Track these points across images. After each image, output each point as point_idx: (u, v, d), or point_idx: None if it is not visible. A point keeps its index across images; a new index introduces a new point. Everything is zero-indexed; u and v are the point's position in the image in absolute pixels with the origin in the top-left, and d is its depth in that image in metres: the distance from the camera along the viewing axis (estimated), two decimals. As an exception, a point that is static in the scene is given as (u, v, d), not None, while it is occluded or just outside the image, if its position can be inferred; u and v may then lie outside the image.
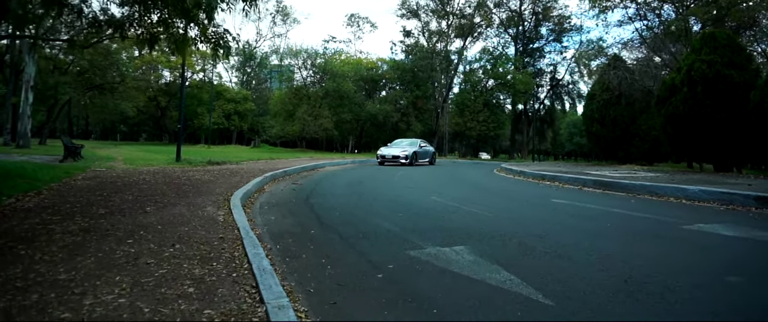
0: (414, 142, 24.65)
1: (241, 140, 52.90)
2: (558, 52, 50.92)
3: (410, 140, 25.23)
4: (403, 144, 24.13)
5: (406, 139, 25.79)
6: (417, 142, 24.64)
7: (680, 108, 13.33)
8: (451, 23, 47.25)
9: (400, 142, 24.88)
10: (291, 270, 3.95)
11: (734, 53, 13.41)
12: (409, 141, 24.99)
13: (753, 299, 3.14)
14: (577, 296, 3.26)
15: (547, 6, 47.43)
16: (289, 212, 7.06)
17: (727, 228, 5.53)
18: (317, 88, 44.46)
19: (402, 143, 24.49)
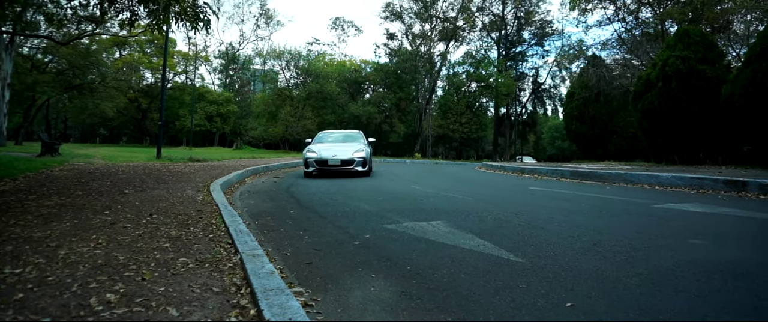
0: (353, 135, 14.02)
1: (223, 142, 52.52)
2: (540, 56, 51.64)
3: (345, 133, 14.35)
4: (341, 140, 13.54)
5: (337, 132, 14.60)
6: (357, 135, 14.02)
7: (655, 102, 13.64)
8: (434, 26, 47.53)
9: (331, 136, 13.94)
10: (268, 239, 3.99)
11: (707, 49, 13.78)
12: (345, 133, 14.26)
13: (711, 254, 3.26)
14: (548, 255, 3.36)
15: (530, 10, 47.98)
16: (269, 198, 7.08)
17: (696, 206, 5.69)
18: (300, 90, 44.35)
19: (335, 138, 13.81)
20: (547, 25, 47.60)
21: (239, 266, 2.80)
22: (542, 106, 57.16)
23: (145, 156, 17.50)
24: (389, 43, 48.05)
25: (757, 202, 6.06)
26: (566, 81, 47.07)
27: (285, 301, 2.15)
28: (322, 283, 2.78)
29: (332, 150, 11.71)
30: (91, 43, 34.25)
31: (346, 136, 13.91)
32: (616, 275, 2.86)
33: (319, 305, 2.40)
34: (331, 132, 14.55)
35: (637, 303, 2.35)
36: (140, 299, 2.24)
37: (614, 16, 28.24)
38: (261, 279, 2.45)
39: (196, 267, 2.81)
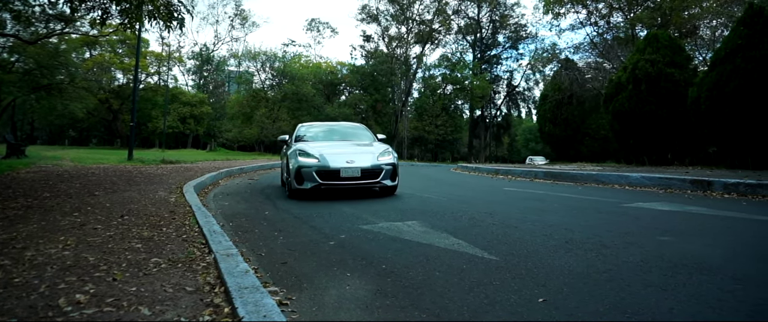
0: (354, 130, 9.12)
1: (197, 144, 51.77)
2: (514, 59, 52.35)
3: (342, 125, 9.58)
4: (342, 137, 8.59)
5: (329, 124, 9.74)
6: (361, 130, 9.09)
7: (626, 105, 13.96)
8: (410, 29, 47.76)
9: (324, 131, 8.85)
10: (243, 240, 3.95)
11: (675, 53, 14.19)
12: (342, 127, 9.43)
13: (677, 250, 3.36)
14: (521, 253, 3.41)
15: (504, 14, 48.54)
16: (244, 199, 7.02)
17: (664, 205, 5.84)
18: (276, 92, 44.04)
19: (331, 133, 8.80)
20: (522, 28, 48.23)
21: (213, 266, 2.78)
22: (517, 109, 57.86)
23: (116, 158, 17.13)
24: (365, 45, 48.12)
25: (721, 200, 6.26)
26: (540, 84, 47.72)
27: (260, 299, 2.14)
28: (297, 282, 2.77)
29: (341, 153, 7.04)
30: (60, 43, 33.39)
31: (345, 130, 8.87)
32: (586, 271, 2.93)
33: (294, 304, 2.40)
34: (321, 125, 9.19)
35: (606, 298, 2.41)
36: (111, 299, 2.20)
37: (587, 20, 28.83)
38: (235, 278, 2.43)
39: (169, 267, 2.77)
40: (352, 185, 6.80)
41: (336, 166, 6.72)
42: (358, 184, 6.80)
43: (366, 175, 6.77)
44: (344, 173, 6.70)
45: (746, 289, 2.48)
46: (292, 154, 7.05)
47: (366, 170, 6.78)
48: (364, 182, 6.78)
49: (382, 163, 6.98)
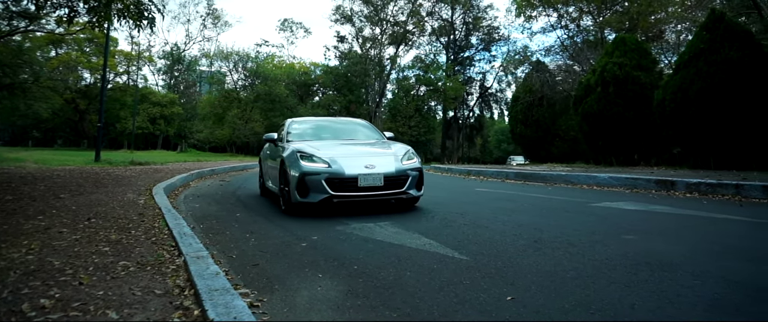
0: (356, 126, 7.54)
1: (167, 145, 50.83)
2: (487, 61, 52.88)
3: (340, 121, 8.17)
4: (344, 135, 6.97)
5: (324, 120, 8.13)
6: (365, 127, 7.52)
7: (594, 107, 14.29)
8: (384, 30, 47.83)
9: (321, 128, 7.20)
10: (214, 242, 3.92)
11: (642, 57, 14.58)
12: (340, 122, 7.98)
13: (641, 248, 3.47)
14: (491, 253, 3.47)
15: (478, 16, 49.02)
16: (215, 201, 6.95)
17: (629, 205, 6.00)
18: (248, 92, 43.59)
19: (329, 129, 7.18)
20: (494, 30, 48.77)
21: (183, 269, 2.75)
22: (489, 110, 58.47)
23: (82, 160, 16.70)
24: (339, 45, 47.96)
25: (684, 199, 6.46)
26: (512, 86, 48.33)
27: (230, 301, 2.13)
28: (268, 284, 2.77)
29: (354, 155, 5.67)
30: (24, 41, 32.39)
31: (347, 127, 7.36)
32: (554, 269, 3.00)
33: (266, 306, 2.40)
34: (317, 120, 7.75)
35: (572, 295, 2.48)
36: (77, 303, 2.17)
37: (557, 23, 29.35)
38: (206, 280, 2.42)
39: (138, 270, 2.74)
40: (373, 197, 5.29)
41: (352, 173, 5.20)
42: (379, 195, 5.28)
43: (390, 183, 5.29)
44: (363, 181, 5.19)
45: (704, 284, 2.58)
46: (290, 158, 5.45)
47: (390, 177, 5.29)
48: (387, 192, 5.30)
49: (407, 167, 5.52)
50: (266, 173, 7.24)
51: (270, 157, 6.98)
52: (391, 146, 6.17)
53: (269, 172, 6.93)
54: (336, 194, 5.18)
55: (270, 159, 6.94)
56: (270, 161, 6.92)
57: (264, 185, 7.50)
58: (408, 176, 5.48)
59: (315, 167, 5.26)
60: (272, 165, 6.61)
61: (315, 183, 5.18)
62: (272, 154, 6.80)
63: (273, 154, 6.74)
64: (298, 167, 5.27)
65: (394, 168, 5.44)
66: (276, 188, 6.20)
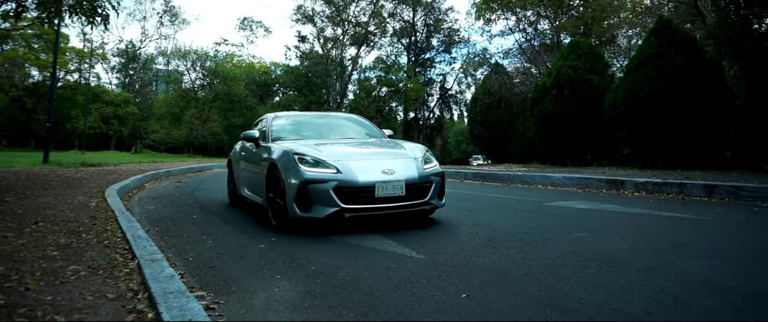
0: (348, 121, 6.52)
1: (121, 146, 49.23)
2: (447, 62, 53.35)
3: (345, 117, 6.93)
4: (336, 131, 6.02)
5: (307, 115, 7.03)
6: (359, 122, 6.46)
7: (550, 108, 14.70)
8: (346, 30, 47.73)
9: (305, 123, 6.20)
10: (169, 245, 3.85)
11: (595, 60, 15.09)
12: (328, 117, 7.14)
13: (590, 245, 3.61)
14: (447, 252, 3.54)
15: (439, 18, 49.53)
16: (171, 203, 6.80)
17: (581, 203, 6.22)
18: (207, 92, 42.72)
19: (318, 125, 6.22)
20: (455, 33, 49.38)
21: (137, 272, 2.70)
22: (449, 111, 59.18)
23: (29, 161, 15.99)
24: (300, 45, 47.59)
25: (632, 198, 6.74)
26: (471, 87, 49.04)
27: (185, 303, 2.11)
28: (225, 286, 2.75)
29: (366, 157, 4.81)
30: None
31: (342, 123, 6.43)
32: (508, 267, 3.09)
33: (222, 308, 2.38)
34: (305, 116, 6.72)
35: (525, 291, 2.56)
36: (24, 309, 2.10)
37: (516, 26, 29.99)
38: (160, 283, 2.38)
39: (89, 275, 2.67)
40: (393, 210, 4.32)
41: (368, 180, 4.24)
42: (400, 207, 4.33)
43: (412, 192, 4.36)
44: (381, 190, 4.23)
45: (646, 279, 2.72)
46: (285, 162, 4.44)
47: (412, 184, 4.38)
48: (409, 203, 4.36)
49: (430, 172, 4.63)
50: (240, 178, 6.12)
51: (247, 159, 5.86)
52: (402, 146, 5.14)
53: (246, 177, 5.84)
54: (348, 206, 4.17)
55: (247, 162, 5.84)
56: (248, 164, 5.83)
57: (236, 192, 6.34)
58: (431, 182, 4.55)
59: (320, 173, 4.25)
60: (252, 169, 5.55)
61: (321, 194, 4.16)
62: (251, 155, 5.68)
63: (253, 155, 5.58)
64: (297, 174, 4.24)
65: (417, 173, 4.49)
66: (258, 198, 5.18)
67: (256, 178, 5.27)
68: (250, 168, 5.69)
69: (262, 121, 6.18)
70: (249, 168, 5.78)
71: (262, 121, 6.18)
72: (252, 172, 5.59)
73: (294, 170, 4.30)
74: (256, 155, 5.41)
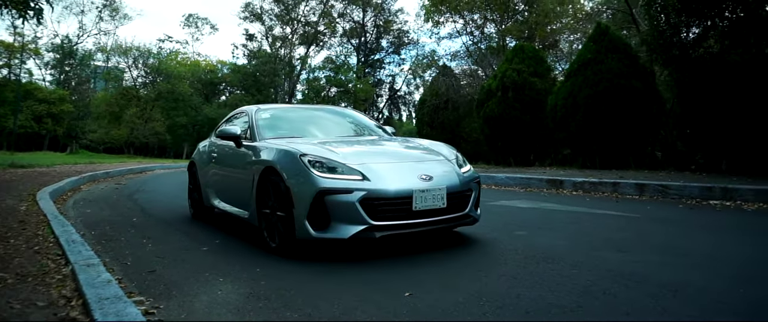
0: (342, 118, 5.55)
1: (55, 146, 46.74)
2: (397, 64, 53.72)
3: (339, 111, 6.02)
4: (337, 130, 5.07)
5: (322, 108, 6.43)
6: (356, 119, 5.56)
7: (495, 110, 15.10)
8: (295, 30, 47.28)
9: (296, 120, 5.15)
10: (106, 249, 3.71)
11: (538, 64, 15.62)
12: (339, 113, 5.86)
13: (530, 242, 3.76)
14: (393, 253, 3.58)
15: (389, 20, 49.81)
16: (109, 206, 6.55)
17: (523, 202, 6.44)
18: (149, 90, 41.24)
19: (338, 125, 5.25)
20: (404, 34, 49.79)
21: (70, 278, 2.59)
22: (398, 112, 59.66)
23: (-48, 162, 14.95)
24: (248, 44, 46.77)
25: (570, 197, 7.04)
26: (420, 89, 49.61)
27: (122, 309, 2.06)
28: (165, 290, 2.68)
29: (391, 161, 3.79)
30: None
31: (338, 119, 5.48)
32: (451, 265, 3.17)
33: (162, 312, 2.33)
34: (293, 109, 6.00)
35: (467, 288, 2.64)
36: (-57, 320, 1.98)
37: (463, 29, 30.58)
38: (96, 289, 2.30)
39: (17, 282, 2.54)
40: (432, 226, 3.49)
41: (402, 188, 3.36)
42: (441, 222, 3.51)
43: (453, 203, 3.55)
44: (420, 201, 3.37)
45: (580, 273, 2.86)
46: (290, 166, 3.50)
47: (454, 192, 3.57)
48: (450, 216, 3.55)
49: (469, 177, 3.83)
50: (209, 186, 5.05)
51: (222, 162, 4.85)
52: (430, 146, 4.30)
53: (220, 184, 4.83)
54: (379, 223, 3.27)
55: (222, 165, 4.84)
56: (222, 168, 4.83)
57: (201, 202, 5.22)
58: (471, 190, 3.77)
59: (341, 180, 3.33)
60: (232, 175, 4.53)
61: (343, 207, 3.25)
62: (229, 158, 4.66)
63: (232, 158, 4.57)
64: (310, 182, 3.30)
65: (458, 179, 3.68)
66: (240, 211, 4.21)
67: (239, 186, 4.25)
68: (228, 173, 4.64)
69: (241, 116, 5.11)
70: (226, 173, 4.72)
71: (241, 116, 5.11)
72: (232, 178, 4.51)
73: (305, 177, 3.34)
74: (238, 157, 4.39)
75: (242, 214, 4.16)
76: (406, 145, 4.38)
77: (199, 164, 5.49)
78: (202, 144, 5.81)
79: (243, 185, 4.10)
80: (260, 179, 3.76)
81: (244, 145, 4.33)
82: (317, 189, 3.25)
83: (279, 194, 3.54)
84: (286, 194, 3.41)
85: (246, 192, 4.00)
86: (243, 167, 4.23)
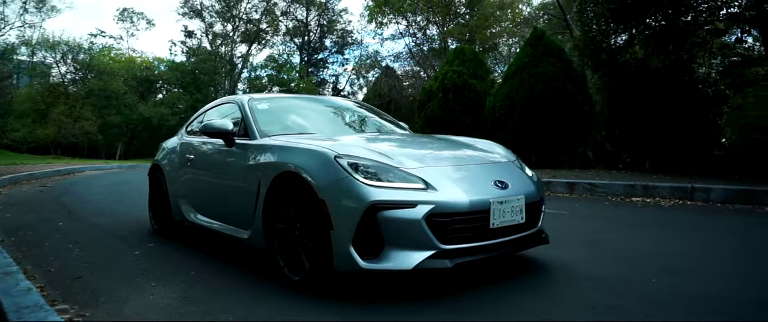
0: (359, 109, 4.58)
1: (-27, 147, 43.59)
2: (340, 64, 53.61)
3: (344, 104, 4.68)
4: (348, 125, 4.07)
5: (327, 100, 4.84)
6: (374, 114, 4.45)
7: (436, 111, 15.39)
8: (237, 27, 46.28)
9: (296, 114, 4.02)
10: (28, 256, 3.51)
11: (477, 66, 16.04)
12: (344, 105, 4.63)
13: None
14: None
15: (332, 19, 49.64)
16: (32, 210, 6.18)
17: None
18: (79, 87, 39.14)
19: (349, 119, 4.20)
20: (348, 34, 49.78)
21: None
22: (342, 112, 59.51)
23: None
24: (187, 41, 45.37)
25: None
26: (363, 89, 49.70)
27: (44, 317, 1.98)
28: (92, 297, 2.58)
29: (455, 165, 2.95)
30: None
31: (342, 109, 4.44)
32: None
33: (87, 320, 2.24)
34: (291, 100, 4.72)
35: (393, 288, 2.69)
36: None
37: (406, 31, 30.94)
38: (14, 298, 2.19)
39: (-76, 293, 2.36)
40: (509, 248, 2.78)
41: (477, 199, 2.61)
42: (517, 242, 2.80)
43: (530, 217, 2.85)
44: (498, 215, 2.65)
45: (509, 269, 2.98)
46: (322, 170, 2.64)
47: (532, 203, 2.89)
48: (527, 234, 2.87)
49: (539, 183, 3.19)
50: (183, 196, 4.08)
51: (204, 166, 3.88)
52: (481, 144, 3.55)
53: (205, 195, 3.83)
54: (451, 247, 2.50)
55: (204, 170, 3.87)
56: (205, 173, 3.85)
57: (170, 215, 4.24)
58: (543, 199, 3.15)
59: (399, 190, 2.51)
60: (223, 182, 3.59)
61: (403, 227, 2.45)
62: (215, 160, 3.73)
63: (221, 160, 3.63)
64: (356, 192, 2.46)
65: (533, 186, 3.01)
66: (237, 231, 3.27)
67: (232, 197, 3.37)
68: (215, 180, 3.70)
69: (224, 105, 4.24)
70: (210, 180, 3.76)
71: (224, 105, 4.24)
72: (221, 186, 3.60)
73: (347, 186, 2.48)
74: (231, 160, 3.45)
75: (239, 234, 3.21)
76: (454, 144, 3.46)
77: (166, 168, 4.42)
78: (168, 143, 4.78)
79: (239, 196, 3.19)
80: (271, 189, 2.85)
81: (237, 144, 3.40)
82: (367, 203, 2.40)
83: (304, 210, 2.64)
84: (318, 209, 2.52)
85: (244, 206, 3.10)
86: (240, 172, 3.25)
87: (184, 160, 4.13)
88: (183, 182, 4.12)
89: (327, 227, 2.48)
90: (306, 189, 2.61)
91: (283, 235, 2.79)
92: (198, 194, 3.92)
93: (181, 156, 4.21)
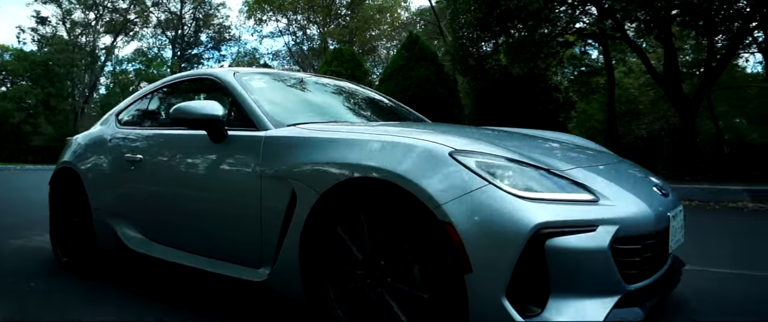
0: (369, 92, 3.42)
1: None
2: (217, 60, 51.51)
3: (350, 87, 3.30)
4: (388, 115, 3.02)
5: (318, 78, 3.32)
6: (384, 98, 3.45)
7: (315, 111, 15.41)
8: (101, 15, 42.59)
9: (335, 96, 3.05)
10: None
11: (356, 67, 16.25)
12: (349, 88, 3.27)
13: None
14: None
15: (209, 13, 47.55)
16: None
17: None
18: None
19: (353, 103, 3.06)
20: (226, 30, 48.04)
21: None
22: (219, 111, 57.46)
23: None
24: (40, 28, 40.90)
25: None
26: (242, 87, 48.45)
27: None
28: None
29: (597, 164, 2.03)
30: None
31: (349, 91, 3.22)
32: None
33: None
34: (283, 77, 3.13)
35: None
36: None
37: (286, 29, 30.61)
38: None
39: None
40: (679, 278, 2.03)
41: (661, 212, 1.79)
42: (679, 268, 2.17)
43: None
44: (673, 235, 1.87)
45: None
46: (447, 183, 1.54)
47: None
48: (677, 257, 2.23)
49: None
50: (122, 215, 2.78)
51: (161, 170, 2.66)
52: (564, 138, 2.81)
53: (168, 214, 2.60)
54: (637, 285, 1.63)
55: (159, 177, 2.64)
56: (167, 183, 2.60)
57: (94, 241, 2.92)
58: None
59: (568, 205, 1.57)
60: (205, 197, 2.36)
61: (581, 260, 1.51)
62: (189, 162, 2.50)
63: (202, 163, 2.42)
64: (511, 211, 1.48)
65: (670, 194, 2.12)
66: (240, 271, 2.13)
67: (233, 220, 2.23)
68: (194, 193, 2.44)
69: (185, 82, 3.11)
70: (184, 192, 2.51)
71: (185, 82, 3.11)
72: (207, 201, 2.37)
73: (488, 200, 1.51)
74: (223, 162, 2.30)
75: (244, 274, 2.09)
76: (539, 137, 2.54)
77: (85, 175, 3.06)
78: (85, 138, 3.39)
79: (243, 218, 2.14)
80: (320, 207, 1.82)
81: (232, 138, 2.27)
82: (532, 226, 1.45)
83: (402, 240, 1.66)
84: (435, 238, 1.55)
85: (252, 231, 2.06)
86: (244, 181, 2.15)
87: (122, 162, 2.82)
88: (121, 195, 2.82)
89: (457, 268, 1.50)
90: (405, 206, 1.62)
91: (346, 279, 1.77)
92: (156, 213, 2.67)
93: (117, 156, 2.90)
